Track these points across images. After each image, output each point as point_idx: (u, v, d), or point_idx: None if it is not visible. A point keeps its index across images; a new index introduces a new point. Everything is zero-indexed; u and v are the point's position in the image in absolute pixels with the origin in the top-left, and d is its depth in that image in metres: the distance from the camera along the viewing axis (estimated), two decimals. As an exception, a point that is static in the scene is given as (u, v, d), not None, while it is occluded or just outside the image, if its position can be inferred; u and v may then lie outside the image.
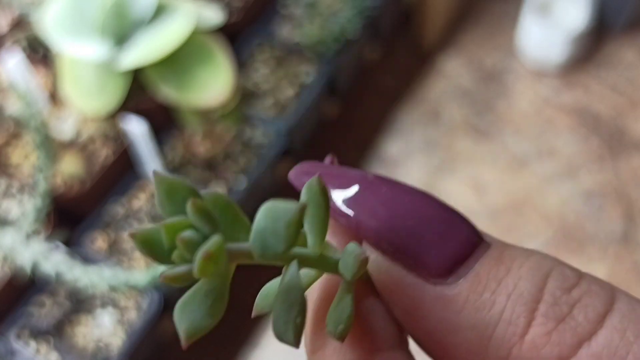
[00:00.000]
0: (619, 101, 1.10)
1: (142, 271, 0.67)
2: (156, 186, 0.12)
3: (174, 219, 0.11)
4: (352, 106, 1.08)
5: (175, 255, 0.11)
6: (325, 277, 0.14)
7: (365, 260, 0.12)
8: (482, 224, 0.17)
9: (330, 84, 1.00)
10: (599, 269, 0.91)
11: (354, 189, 0.14)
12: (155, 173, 0.12)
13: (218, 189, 0.86)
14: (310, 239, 0.13)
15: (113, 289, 0.65)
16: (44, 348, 0.74)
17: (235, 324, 0.91)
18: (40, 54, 0.91)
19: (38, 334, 0.75)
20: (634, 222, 0.96)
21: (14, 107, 0.88)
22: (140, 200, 0.85)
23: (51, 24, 0.71)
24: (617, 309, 0.12)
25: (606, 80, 1.12)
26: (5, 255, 0.70)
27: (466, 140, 1.07)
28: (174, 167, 0.87)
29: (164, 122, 0.88)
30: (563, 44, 1.08)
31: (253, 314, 0.15)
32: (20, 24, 0.93)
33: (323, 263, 0.13)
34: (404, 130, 1.08)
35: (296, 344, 0.12)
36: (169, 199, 0.11)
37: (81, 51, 0.70)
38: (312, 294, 0.15)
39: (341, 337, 0.13)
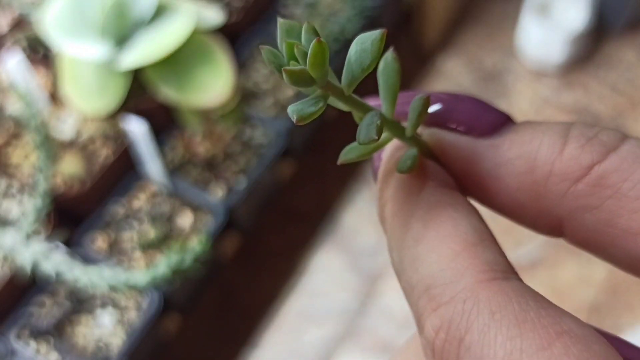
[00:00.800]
0: (619, 101, 1.10)
1: (142, 271, 0.68)
2: (279, 27, 0.15)
3: (292, 40, 0.15)
4: (352, 106, 1.08)
5: (291, 64, 0.15)
6: (395, 141, 0.18)
7: (427, 100, 0.16)
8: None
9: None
10: (598, 270, 0.91)
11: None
12: (279, 20, 0.16)
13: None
14: (383, 105, 0.17)
15: (113, 288, 0.65)
16: (44, 348, 0.75)
17: (235, 324, 0.91)
18: (40, 54, 0.91)
19: (38, 334, 0.75)
20: (633, 222, 0.96)
21: (14, 107, 0.88)
22: (140, 200, 0.85)
23: (51, 24, 0.71)
24: (632, 138, 0.15)
25: (606, 81, 1.12)
26: (5, 255, 0.70)
27: (466, 140, 1.07)
28: (174, 167, 0.87)
29: (164, 122, 0.88)
30: (563, 44, 1.08)
31: (339, 162, 0.18)
32: (21, 24, 0.93)
33: (393, 124, 0.17)
34: (404, 130, 1.08)
35: (378, 136, 0.15)
36: (288, 34, 0.15)
37: (81, 51, 0.70)
38: (386, 151, 0.18)
39: (409, 170, 0.16)
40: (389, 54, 0.17)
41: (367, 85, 0.17)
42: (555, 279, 0.91)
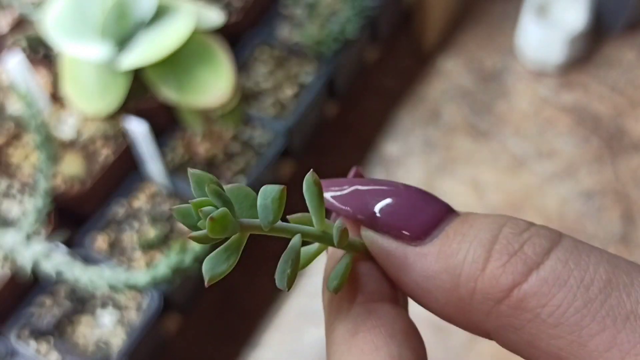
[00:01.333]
0: (619, 101, 1.10)
1: (142, 271, 0.68)
2: (190, 178, 0.16)
3: (199, 199, 0.16)
4: (352, 106, 1.08)
5: (199, 223, 0.16)
6: (332, 250, 0.19)
7: (345, 230, 0.17)
8: (481, 224, 0.17)
9: (330, 84, 1.00)
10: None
11: (346, 189, 0.19)
12: (189, 170, 0.17)
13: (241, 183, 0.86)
14: (314, 220, 0.18)
15: (113, 288, 0.65)
16: (44, 348, 0.75)
17: (235, 324, 0.91)
18: (40, 54, 0.91)
19: (38, 334, 0.76)
20: (633, 222, 0.96)
21: (14, 107, 0.88)
22: (141, 200, 0.85)
23: (52, 24, 0.71)
24: (561, 245, 0.15)
25: (606, 81, 1.12)
26: (5, 255, 0.70)
27: (466, 140, 1.07)
28: (174, 167, 0.87)
29: (165, 122, 0.88)
30: (562, 44, 1.09)
31: (287, 290, 0.18)
32: (21, 24, 0.93)
33: (322, 237, 0.18)
34: (404, 130, 1.08)
35: (287, 288, 0.16)
36: (198, 186, 0.16)
37: (82, 51, 0.71)
38: (325, 263, 0.19)
39: (335, 290, 0.17)
40: (310, 178, 0.18)
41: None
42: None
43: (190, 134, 0.89)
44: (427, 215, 0.17)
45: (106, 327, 0.77)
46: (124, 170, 0.85)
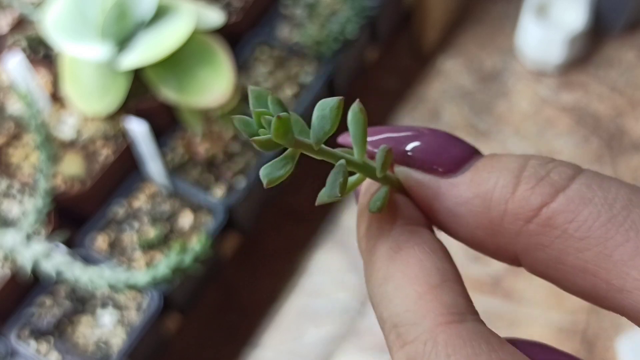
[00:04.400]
0: (619, 101, 1.10)
1: (142, 271, 0.68)
2: (250, 94, 0.18)
3: (260, 109, 0.17)
4: (352, 106, 1.08)
5: (260, 131, 0.17)
6: (368, 182, 0.20)
7: (390, 151, 0.18)
8: (481, 224, 0.18)
9: (330, 84, 1.00)
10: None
11: (378, 136, 0.20)
12: (250, 87, 0.18)
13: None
14: (355, 150, 0.19)
15: (113, 288, 0.65)
16: (44, 348, 0.75)
17: (235, 324, 0.91)
18: (40, 54, 0.91)
19: (38, 334, 0.76)
20: (633, 222, 0.96)
21: (14, 107, 0.88)
22: (141, 200, 0.85)
23: (52, 24, 0.71)
24: (584, 173, 0.16)
25: (605, 81, 1.12)
26: (5, 255, 0.70)
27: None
28: (174, 167, 0.87)
29: (165, 122, 0.88)
30: (562, 44, 1.09)
31: (317, 204, 0.19)
32: (21, 24, 0.93)
33: (363, 167, 0.19)
34: (403, 130, 1.08)
35: (341, 194, 0.17)
36: (257, 101, 0.18)
37: (82, 52, 0.71)
38: (362, 188, 0.20)
39: (379, 210, 0.18)
40: (356, 106, 0.19)
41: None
42: (555, 279, 0.91)
43: (190, 134, 0.89)
44: (457, 151, 0.18)
45: (106, 327, 0.77)
46: (124, 170, 0.85)
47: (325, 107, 0.17)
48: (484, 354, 0.14)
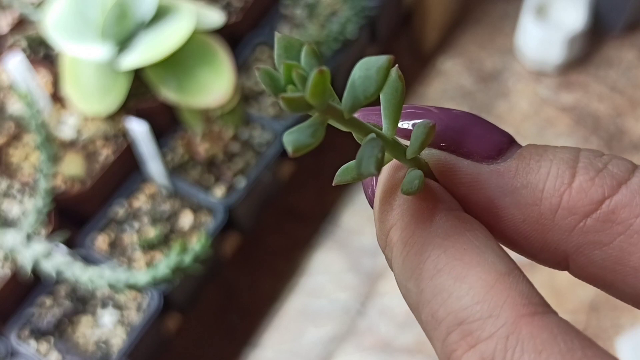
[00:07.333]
0: (619, 101, 1.10)
1: (143, 271, 0.68)
2: (277, 43, 0.14)
3: (292, 61, 0.14)
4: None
5: (289, 88, 0.14)
6: (393, 162, 0.17)
7: (433, 127, 0.15)
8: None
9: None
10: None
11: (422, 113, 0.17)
12: (277, 34, 0.15)
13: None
14: (385, 124, 0.16)
15: (113, 288, 0.65)
16: (44, 348, 0.75)
17: (235, 324, 0.91)
18: (41, 54, 0.91)
19: (39, 334, 0.76)
20: (633, 222, 0.96)
21: (15, 107, 0.88)
22: (141, 201, 0.85)
23: (52, 25, 0.71)
24: None
25: (605, 81, 1.12)
26: (6, 255, 0.70)
27: (466, 141, 1.07)
28: (174, 167, 0.88)
29: (165, 122, 0.88)
30: (562, 44, 1.09)
31: (334, 183, 0.17)
32: (21, 24, 0.93)
33: (393, 145, 0.16)
34: (403, 130, 1.08)
35: (378, 171, 0.14)
36: (286, 52, 0.14)
37: (82, 52, 0.71)
38: (383, 172, 0.17)
39: (415, 192, 0.15)
40: (394, 72, 0.16)
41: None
42: (555, 279, 0.91)
43: (190, 134, 0.89)
44: (498, 136, 0.16)
45: (106, 327, 0.77)
46: (124, 171, 0.86)
47: (371, 66, 0.14)
48: (578, 350, 0.13)
